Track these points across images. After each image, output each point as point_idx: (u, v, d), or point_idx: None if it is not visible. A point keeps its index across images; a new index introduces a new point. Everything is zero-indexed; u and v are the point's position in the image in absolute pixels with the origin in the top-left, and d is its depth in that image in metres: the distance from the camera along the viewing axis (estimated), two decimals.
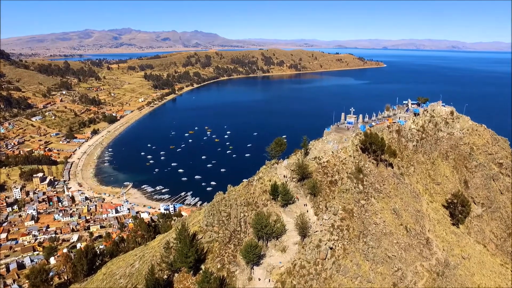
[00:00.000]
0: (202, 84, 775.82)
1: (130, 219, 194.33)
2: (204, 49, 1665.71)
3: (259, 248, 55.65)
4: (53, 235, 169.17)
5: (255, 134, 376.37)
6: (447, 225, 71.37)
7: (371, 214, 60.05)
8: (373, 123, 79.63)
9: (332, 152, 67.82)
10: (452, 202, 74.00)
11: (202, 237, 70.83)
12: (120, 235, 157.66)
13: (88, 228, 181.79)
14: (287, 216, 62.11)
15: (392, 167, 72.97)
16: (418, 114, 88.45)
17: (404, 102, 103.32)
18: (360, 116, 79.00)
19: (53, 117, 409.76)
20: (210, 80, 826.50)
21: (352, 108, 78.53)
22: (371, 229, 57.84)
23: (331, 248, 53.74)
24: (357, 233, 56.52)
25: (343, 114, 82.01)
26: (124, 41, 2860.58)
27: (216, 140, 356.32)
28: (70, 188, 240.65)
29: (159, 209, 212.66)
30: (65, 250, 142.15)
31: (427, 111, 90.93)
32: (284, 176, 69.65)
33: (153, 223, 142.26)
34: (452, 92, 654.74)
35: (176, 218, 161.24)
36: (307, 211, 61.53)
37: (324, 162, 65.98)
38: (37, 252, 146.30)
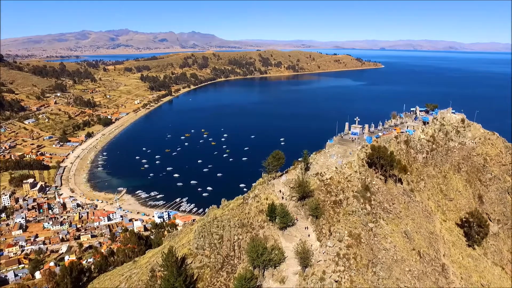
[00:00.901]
0: (199, 85, 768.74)
1: (121, 228, 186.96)
2: (201, 50, 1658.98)
3: (254, 281, 48.86)
4: (41, 246, 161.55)
5: (252, 137, 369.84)
6: (463, 247, 65.18)
7: (380, 239, 53.60)
8: (380, 134, 72.98)
9: (336, 167, 61.31)
10: (467, 220, 67.68)
11: (192, 262, 63.99)
12: (111, 246, 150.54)
13: (79, 237, 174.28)
14: (286, 240, 55.37)
15: (402, 183, 66.52)
16: (427, 123, 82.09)
17: (411, 109, 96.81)
18: (366, 126, 72.36)
19: (47, 120, 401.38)
20: (207, 81, 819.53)
21: (357, 117, 72.03)
22: (380, 257, 51.34)
23: (336, 281, 47.08)
24: (366, 262, 49.95)
25: (347, 124, 75.41)
26: (121, 42, 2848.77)
27: (213, 143, 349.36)
28: (61, 194, 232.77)
29: (153, 217, 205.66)
30: (51, 264, 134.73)
31: (437, 119, 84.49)
32: (281, 193, 62.92)
33: (144, 235, 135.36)
34: (454, 94, 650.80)
35: (169, 228, 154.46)
36: (309, 235, 54.85)
37: (327, 179, 59.45)
38: (22, 266, 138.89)
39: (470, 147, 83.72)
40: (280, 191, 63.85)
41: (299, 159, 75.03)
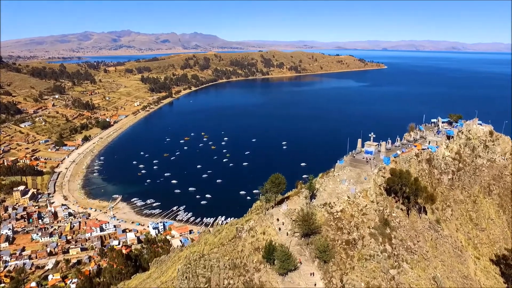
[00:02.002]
0: (200, 87, 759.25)
1: (114, 239, 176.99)
2: (203, 51, 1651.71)
3: None
4: (26, 261, 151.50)
5: (253, 140, 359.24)
6: None
7: None
8: (398, 152, 62.10)
9: (348, 196, 50.65)
10: (503, 257, 57.05)
11: None
12: (99, 263, 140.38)
13: (68, 250, 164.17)
14: None
15: (426, 212, 55.83)
16: (452, 137, 70.90)
17: (432, 121, 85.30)
18: (383, 144, 61.28)
19: (43, 123, 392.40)
20: (208, 82, 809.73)
21: (372, 133, 61.21)
22: None
23: None
24: None
25: (359, 140, 64.31)
26: (123, 43, 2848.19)
27: (213, 147, 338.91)
28: (53, 203, 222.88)
29: (148, 227, 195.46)
30: (33, 284, 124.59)
31: (462, 132, 73.21)
32: (282, 224, 52.18)
33: (134, 254, 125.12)
34: (457, 95, 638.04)
35: (162, 244, 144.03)
36: (315, 284, 44.06)
37: (337, 212, 48.85)
38: (3, 285, 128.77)
39: (501, 165, 72.76)
40: (278, 219, 53.21)
41: (302, 182, 64.19)
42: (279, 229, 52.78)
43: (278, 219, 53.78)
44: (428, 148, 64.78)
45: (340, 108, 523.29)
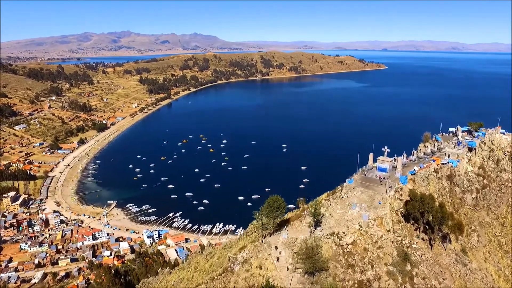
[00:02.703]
0: (199, 88, 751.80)
1: (105, 249, 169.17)
2: (203, 52, 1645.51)
3: None
4: (11, 274, 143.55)
5: (253, 143, 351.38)
6: None
7: None
8: (416, 168, 54.11)
9: (360, 225, 42.85)
10: None
11: None
12: (88, 277, 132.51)
13: (57, 262, 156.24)
14: None
15: (450, 240, 47.86)
16: (474, 149, 62.83)
17: (450, 130, 76.84)
18: (399, 159, 52.82)
19: (38, 126, 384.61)
20: (207, 83, 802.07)
21: (385, 147, 53.10)
22: None
23: None
24: None
25: (371, 155, 55.71)
26: (123, 44, 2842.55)
27: (211, 150, 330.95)
28: (44, 209, 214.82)
29: (143, 235, 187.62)
30: None
31: (485, 143, 65.14)
32: (281, 254, 44.27)
33: (124, 267, 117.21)
34: (460, 96, 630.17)
35: (155, 257, 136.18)
36: None
37: (347, 245, 41.03)
38: None
39: None
40: (276, 247, 45.35)
41: (305, 199, 56.16)
42: (277, 259, 44.86)
43: (276, 247, 45.95)
44: (448, 163, 56.89)
45: (341, 109, 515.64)
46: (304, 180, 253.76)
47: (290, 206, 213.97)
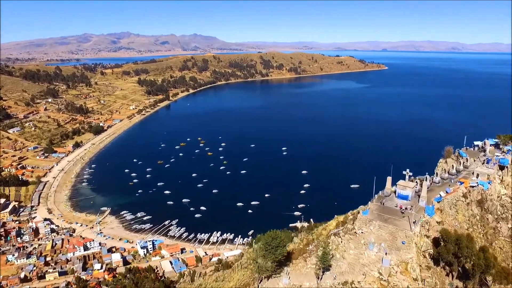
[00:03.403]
0: (198, 89, 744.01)
1: (97, 260, 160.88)
2: (202, 53, 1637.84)
3: None
4: None
5: (252, 145, 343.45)
6: None
7: None
8: (442, 193, 45.71)
9: (380, 272, 34.72)
10: None
11: None
12: None
13: (44, 276, 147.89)
14: None
15: (487, 285, 39.49)
16: (506, 167, 54.26)
17: (475, 143, 67.61)
18: (424, 185, 43.90)
19: (33, 129, 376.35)
20: (207, 84, 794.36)
21: (407, 170, 44.48)
22: None
23: None
24: None
25: (389, 179, 46.51)
26: (122, 45, 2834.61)
27: (209, 153, 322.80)
28: (34, 218, 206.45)
29: (136, 245, 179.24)
30: None
31: None
32: None
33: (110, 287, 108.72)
34: (462, 96, 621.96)
35: (146, 274, 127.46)
36: None
37: None
38: None
39: None
40: None
41: (308, 231, 48.16)
42: None
43: None
44: (478, 185, 48.58)
45: (342, 111, 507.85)
46: (305, 185, 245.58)
47: (296, 213, 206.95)
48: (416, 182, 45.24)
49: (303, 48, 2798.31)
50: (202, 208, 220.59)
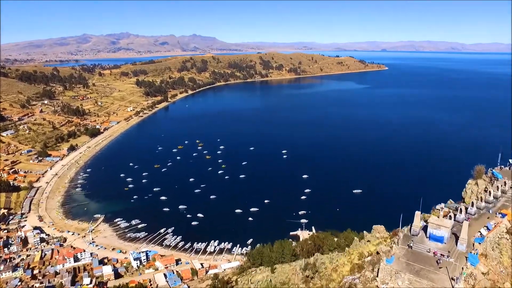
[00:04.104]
0: (197, 90, 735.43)
1: (87, 273, 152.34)
2: (202, 53, 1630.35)
3: None
4: None
5: (251, 148, 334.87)
6: None
7: None
8: (483, 230, 37.02)
9: None
10: None
11: None
12: None
13: None
14: None
15: None
16: None
17: (510, 161, 58.62)
18: (465, 225, 33.97)
19: (27, 131, 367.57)
20: (206, 85, 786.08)
21: (441, 205, 35.63)
22: None
23: None
24: None
25: (417, 213, 36.19)
26: (122, 45, 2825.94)
27: (207, 157, 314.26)
28: (23, 226, 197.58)
29: (129, 256, 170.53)
30: None
31: None
32: None
33: None
34: (463, 97, 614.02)
35: None
36: None
37: None
38: None
39: None
40: None
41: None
42: None
43: None
44: None
45: (343, 112, 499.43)
46: (306, 191, 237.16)
47: (299, 220, 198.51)
48: (451, 215, 36.47)
49: (302, 49, 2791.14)
50: (199, 215, 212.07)
